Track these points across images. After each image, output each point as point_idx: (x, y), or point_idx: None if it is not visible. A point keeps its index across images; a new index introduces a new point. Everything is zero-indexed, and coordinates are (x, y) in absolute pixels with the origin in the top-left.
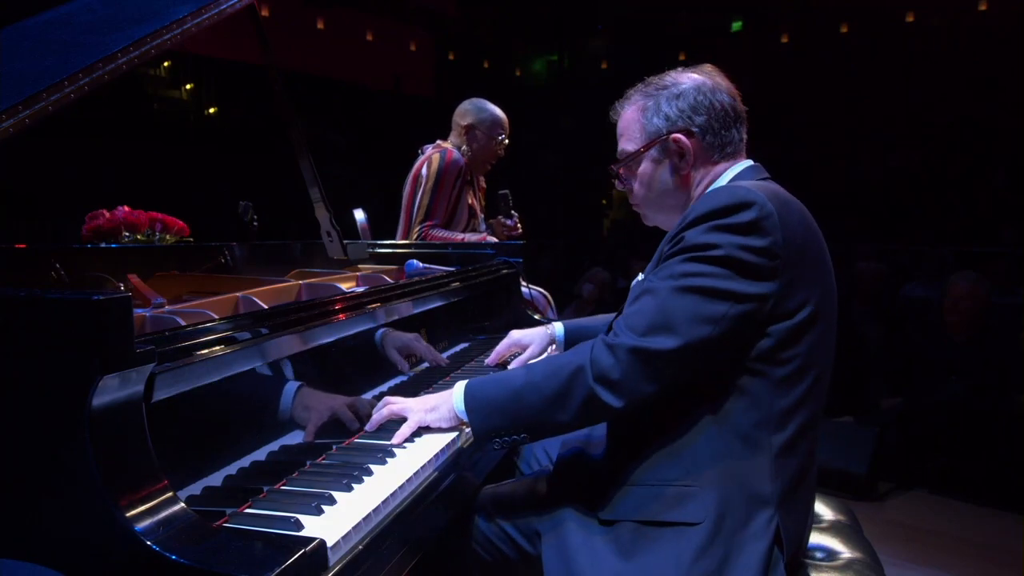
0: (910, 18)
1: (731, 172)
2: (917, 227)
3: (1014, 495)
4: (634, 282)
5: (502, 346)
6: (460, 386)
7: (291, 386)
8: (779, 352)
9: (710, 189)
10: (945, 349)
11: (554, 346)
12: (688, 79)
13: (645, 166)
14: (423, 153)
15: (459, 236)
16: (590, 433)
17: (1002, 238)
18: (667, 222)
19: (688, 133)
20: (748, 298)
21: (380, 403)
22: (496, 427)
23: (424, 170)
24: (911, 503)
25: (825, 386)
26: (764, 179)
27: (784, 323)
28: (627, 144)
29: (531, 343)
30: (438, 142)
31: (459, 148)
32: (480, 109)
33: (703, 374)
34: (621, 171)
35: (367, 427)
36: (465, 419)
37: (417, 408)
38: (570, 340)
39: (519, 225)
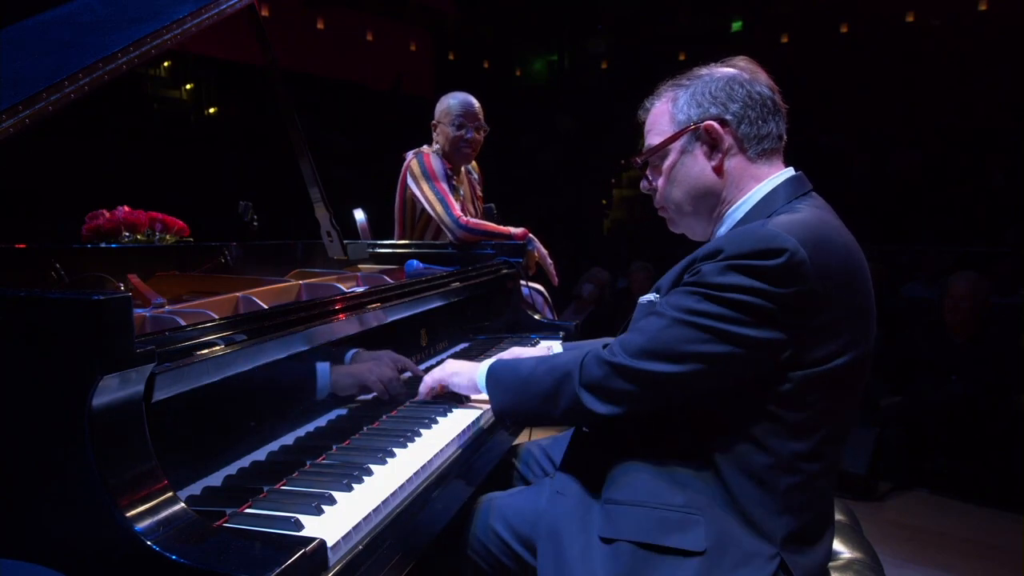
0: (910, 18)
1: (769, 183)
2: (917, 227)
3: (1014, 495)
4: (642, 299)
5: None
6: (486, 363)
7: (324, 366)
8: (796, 399)
9: (743, 228)
10: (945, 349)
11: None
12: (723, 69)
13: (672, 158)
14: (405, 160)
15: (492, 225)
16: (595, 449)
17: (1003, 238)
18: (695, 228)
19: (722, 121)
20: (756, 344)
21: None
22: (506, 407)
23: (410, 179)
24: (911, 503)
25: (848, 429)
26: (805, 194)
27: (807, 371)
28: (654, 138)
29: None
30: (422, 148)
31: (435, 149)
32: (439, 103)
33: (714, 410)
34: (646, 167)
35: (421, 394)
36: (484, 391)
37: (444, 370)
38: None
39: None
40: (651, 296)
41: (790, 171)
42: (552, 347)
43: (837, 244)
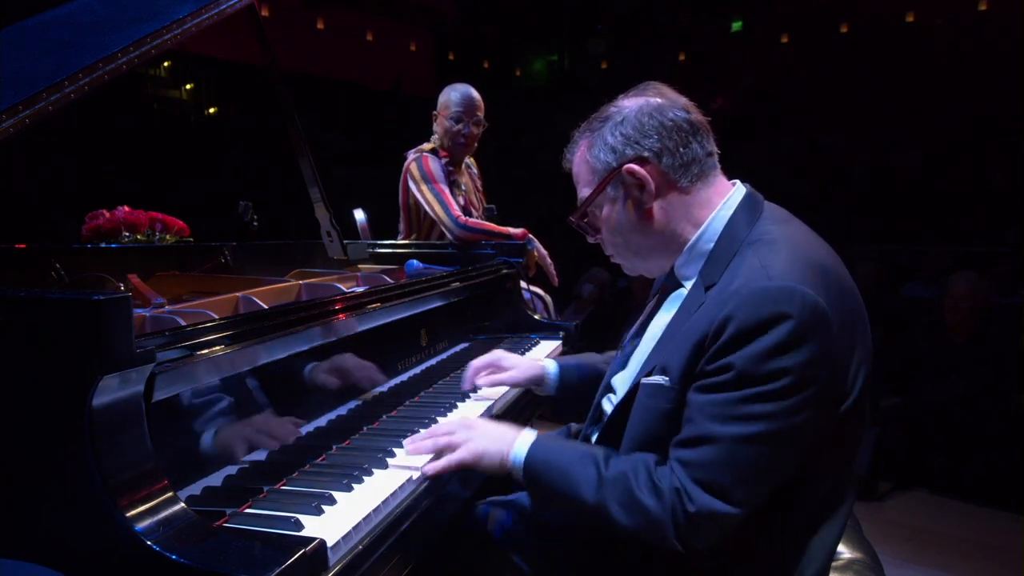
0: (910, 18)
1: (724, 210)
2: (917, 227)
3: (1014, 495)
4: (647, 380)
5: (480, 362)
6: (521, 446)
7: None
8: (833, 431)
9: (749, 290)
10: (945, 349)
11: (536, 388)
12: (630, 103)
13: (606, 209)
14: (407, 159)
15: (491, 224)
16: None
17: (1003, 238)
18: (651, 268)
19: (641, 160)
20: (815, 415)
21: (427, 431)
22: (550, 517)
23: (411, 182)
24: (911, 503)
25: (863, 436)
26: (763, 211)
27: (839, 407)
28: (583, 190)
29: (513, 368)
30: (418, 147)
31: (433, 141)
32: (442, 94)
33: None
34: (585, 221)
35: (425, 470)
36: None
37: (468, 448)
38: (564, 383)
39: None
40: (659, 379)
41: (739, 189)
42: (550, 349)
43: (829, 268)
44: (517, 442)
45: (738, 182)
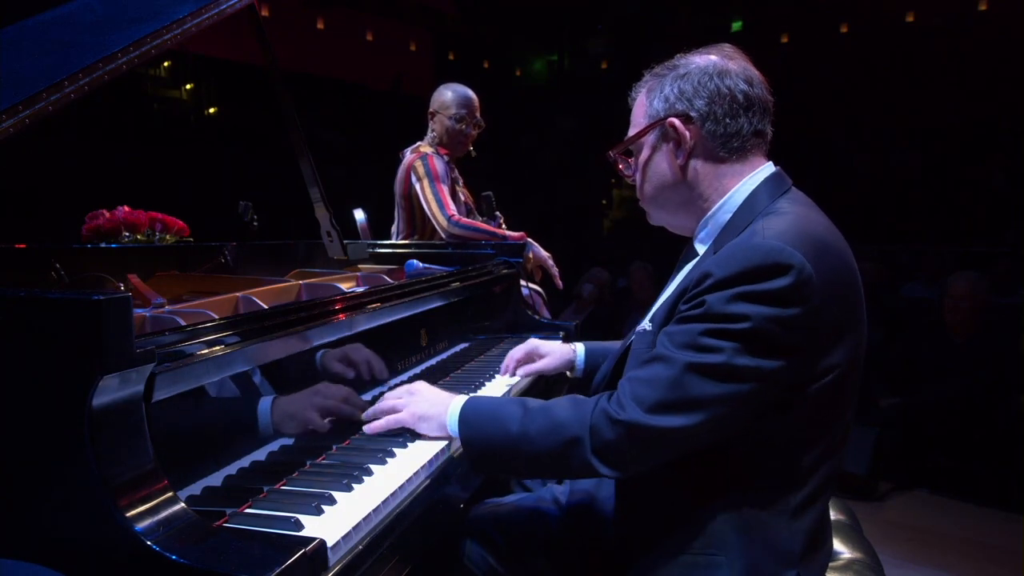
0: (910, 18)
1: (748, 184)
2: (917, 227)
3: (1014, 495)
4: (638, 329)
5: (519, 351)
6: (456, 405)
7: (265, 402)
8: (802, 415)
9: (738, 244)
10: (945, 349)
11: (568, 372)
12: (699, 60)
13: (644, 153)
14: (403, 158)
15: (487, 225)
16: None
17: (1003, 238)
18: (672, 222)
19: (686, 118)
20: (772, 375)
21: (378, 403)
22: (488, 464)
23: (413, 178)
24: (911, 503)
25: (848, 431)
26: (786, 191)
27: (811, 386)
28: (632, 129)
29: (549, 354)
30: (416, 145)
31: (432, 143)
32: (438, 93)
33: (724, 442)
34: (618, 158)
35: (366, 429)
36: (457, 439)
37: (409, 411)
38: (589, 366)
39: (503, 226)
40: (646, 325)
41: (768, 167)
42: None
43: (831, 246)
44: (453, 402)
45: (770, 163)
